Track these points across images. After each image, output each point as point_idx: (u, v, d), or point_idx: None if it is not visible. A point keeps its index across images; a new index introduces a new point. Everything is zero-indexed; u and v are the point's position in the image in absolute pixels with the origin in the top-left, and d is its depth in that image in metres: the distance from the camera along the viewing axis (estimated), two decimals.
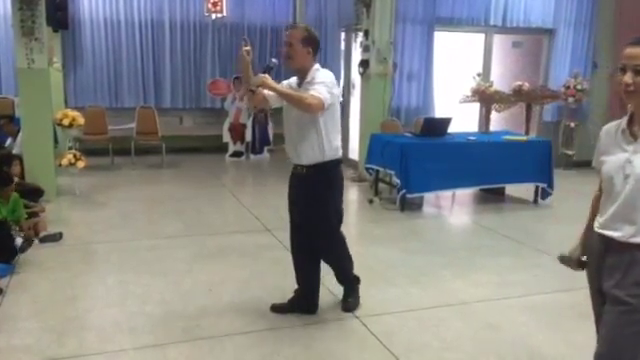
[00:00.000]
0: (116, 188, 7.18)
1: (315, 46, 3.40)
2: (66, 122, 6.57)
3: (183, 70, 9.97)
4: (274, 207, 6.34)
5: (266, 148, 9.63)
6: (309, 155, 3.35)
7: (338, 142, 3.44)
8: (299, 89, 3.35)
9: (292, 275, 4.25)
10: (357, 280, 3.81)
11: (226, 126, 9.41)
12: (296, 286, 3.71)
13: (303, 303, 3.66)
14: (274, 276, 4.28)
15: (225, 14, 9.82)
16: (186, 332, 3.35)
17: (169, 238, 5.18)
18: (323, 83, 3.27)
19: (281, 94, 3.28)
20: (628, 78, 1.97)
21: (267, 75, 3.26)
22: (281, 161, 9.54)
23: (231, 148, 9.47)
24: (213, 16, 9.79)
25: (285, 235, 5.25)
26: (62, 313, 3.57)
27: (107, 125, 8.68)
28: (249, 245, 5.02)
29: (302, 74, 3.39)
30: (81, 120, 6.72)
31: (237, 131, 9.43)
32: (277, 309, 3.65)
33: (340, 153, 3.47)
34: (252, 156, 9.54)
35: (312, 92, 3.21)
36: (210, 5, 9.70)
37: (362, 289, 3.90)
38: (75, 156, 6.56)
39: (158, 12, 9.65)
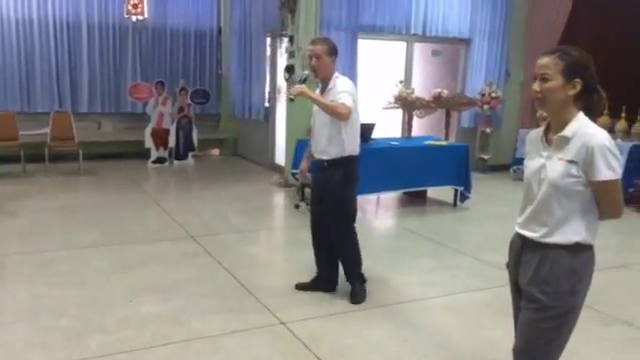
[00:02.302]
0: (28, 197, 6.78)
1: (336, 55, 3.84)
2: None
3: (102, 73, 9.60)
4: (199, 214, 6.23)
5: (190, 154, 9.43)
6: (331, 152, 3.77)
7: (357, 141, 3.84)
8: (322, 96, 3.76)
9: (217, 282, 4.23)
10: (363, 279, 4.04)
11: (148, 131, 9.12)
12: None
13: (324, 282, 4.06)
14: (198, 284, 4.19)
15: (146, 16, 9.55)
16: (104, 346, 3.20)
17: (86, 248, 4.95)
18: (347, 92, 3.67)
19: (317, 103, 3.69)
20: (536, 86, 2.09)
21: (304, 86, 3.70)
22: (206, 167, 9.40)
23: (154, 154, 9.19)
24: (134, 18, 9.49)
25: (209, 241, 5.20)
26: None
27: (18, 130, 8.19)
28: (172, 253, 4.88)
29: (325, 82, 3.82)
30: None
31: (160, 136, 9.17)
32: (302, 287, 4.06)
33: (357, 150, 3.85)
34: (176, 162, 9.31)
35: (342, 101, 3.61)
36: (130, 7, 9.40)
37: (287, 294, 3.90)
38: None
39: (74, 12, 9.24)
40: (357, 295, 3.94)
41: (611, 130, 7.18)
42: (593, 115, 2.11)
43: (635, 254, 5.36)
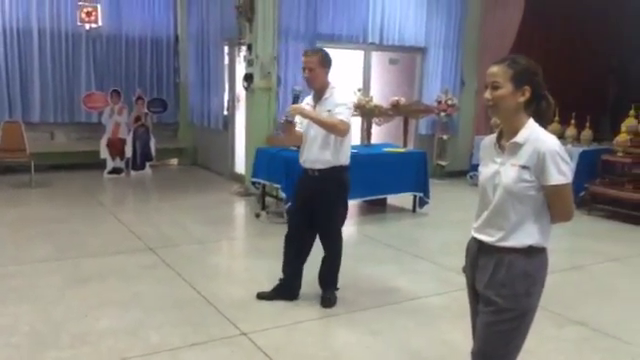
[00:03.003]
0: None
1: (330, 65, 3.87)
2: None
3: (54, 82, 9.31)
4: (157, 225, 6.11)
5: (148, 164, 9.25)
6: (324, 161, 3.81)
7: (349, 151, 3.92)
8: (316, 105, 3.83)
9: (177, 294, 4.15)
10: (337, 287, 4.13)
11: (104, 141, 8.90)
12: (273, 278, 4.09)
13: (286, 291, 4.04)
14: (157, 297, 4.11)
15: (100, 24, 9.35)
16: None
17: (38, 262, 4.79)
18: (345, 105, 3.76)
19: (315, 121, 3.72)
20: (487, 94, 2.16)
21: (300, 105, 3.77)
22: (164, 177, 9.24)
23: (109, 164, 8.98)
24: (87, 26, 9.28)
25: (168, 253, 5.11)
26: None
27: None
28: (130, 266, 4.77)
29: (320, 92, 3.86)
30: None
31: (116, 146, 8.97)
32: (263, 296, 4.03)
33: (349, 160, 3.91)
34: (133, 172, 9.12)
35: (341, 118, 3.69)
36: (84, 15, 9.18)
37: (248, 304, 3.86)
38: None
39: (25, 19, 8.95)
40: (330, 299, 4.03)
41: (561, 136, 7.42)
42: (544, 121, 2.18)
43: (586, 256, 5.54)
